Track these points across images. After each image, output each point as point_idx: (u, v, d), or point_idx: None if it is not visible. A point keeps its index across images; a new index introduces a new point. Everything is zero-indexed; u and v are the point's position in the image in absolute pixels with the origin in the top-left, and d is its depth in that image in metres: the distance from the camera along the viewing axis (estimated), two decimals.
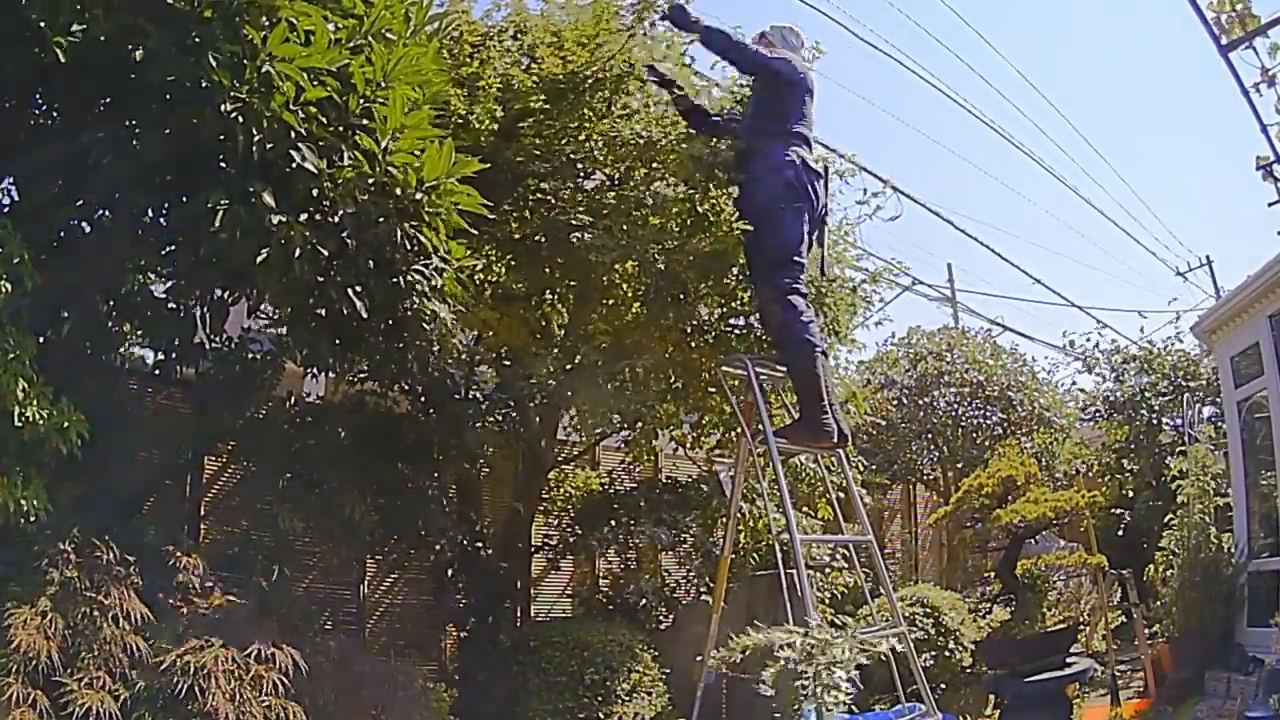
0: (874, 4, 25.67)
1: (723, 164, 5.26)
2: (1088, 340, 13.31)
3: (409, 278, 3.70)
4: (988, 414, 11.22)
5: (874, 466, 9.75)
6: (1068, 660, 7.08)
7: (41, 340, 3.43)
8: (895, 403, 11.10)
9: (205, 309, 3.97)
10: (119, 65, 3.16)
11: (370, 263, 3.63)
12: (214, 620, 3.25)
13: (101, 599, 3.00)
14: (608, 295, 5.71)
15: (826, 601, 7.33)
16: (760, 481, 7.13)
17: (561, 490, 6.85)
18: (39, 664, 2.76)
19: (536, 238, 5.28)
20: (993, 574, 8.65)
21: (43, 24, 2.99)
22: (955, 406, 11.19)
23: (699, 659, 5.16)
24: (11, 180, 3.56)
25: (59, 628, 2.86)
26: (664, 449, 7.36)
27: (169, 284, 3.81)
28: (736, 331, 6.00)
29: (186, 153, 3.28)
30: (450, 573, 5.83)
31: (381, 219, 3.48)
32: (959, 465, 10.84)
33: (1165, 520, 8.32)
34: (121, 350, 3.99)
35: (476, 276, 5.18)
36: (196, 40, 3.10)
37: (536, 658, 5.36)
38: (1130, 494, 10.85)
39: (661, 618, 6.90)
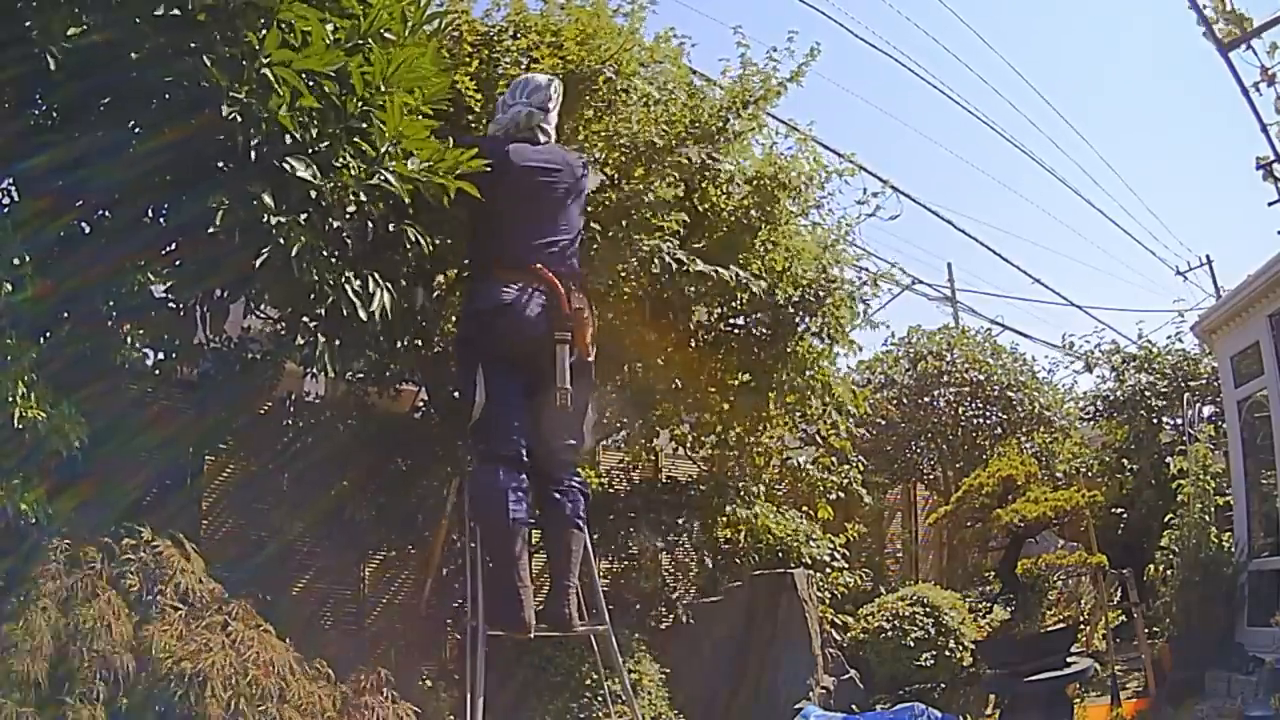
0: (873, 4, 25.69)
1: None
2: (1087, 341, 13.33)
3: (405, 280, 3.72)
4: (988, 414, 11.22)
5: (874, 466, 9.74)
6: (1068, 660, 7.08)
7: (41, 342, 3.43)
8: (895, 402, 11.10)
9: (205, 309, 3.98)
10: (118, 67, 3.17)
11: (369, 263, 3.65)
12: (213, 622, 3.25)
13: (100, 602, 3.00)
14: (607, 295, 5.72)
15: (826, 601, 7.34)
16: (760, 481, 7.17)
17: None
18: (33, 673, 2.75)
19: None
20: (993, 574, 8.65)
21: (35, 33, 2.99)
22: (955, 406, 11.19)
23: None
24: (11, 181, 3.56)
25: (58, 632, 2.85)
26: (664, 449, 7.36)
27: (169, 284, 3.81)
28: (736, 331, 6.01)
29: (186, 154, 3.29)
30: (447, 572, 5.83)
31: (377, 218, 3.49)
32: (959, 465, 10.84)
33: (1165, 520, 8.32)
34: (122, 351, 3.99)
35: None
36: (193, 43, 3.11)
37: (536, 657, 5.35)
38: (1130, 493, 10.84)
39: (661, 618, 6.89)
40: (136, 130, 3.38)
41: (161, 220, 3.68)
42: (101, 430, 3.35)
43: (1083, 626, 8.93)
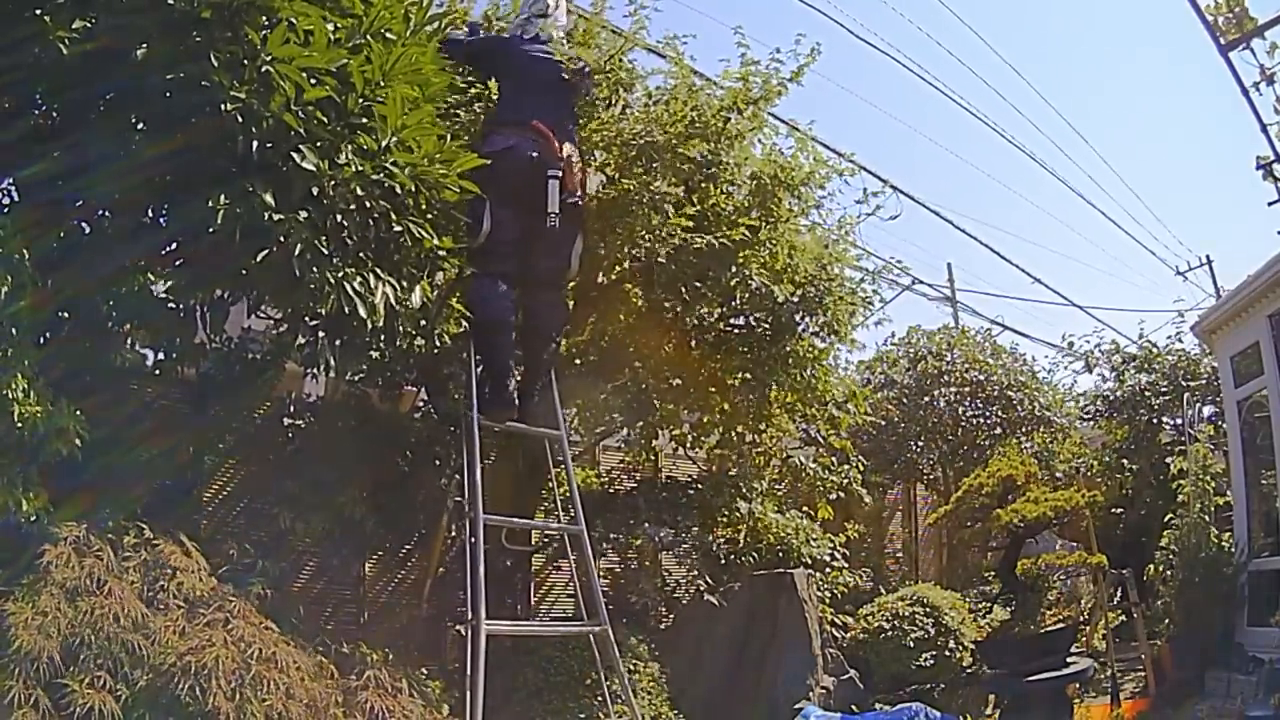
0: (872, 3, 25.71)
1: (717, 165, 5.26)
2: (1087, 341, 13.31)
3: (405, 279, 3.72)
4: (987, 414, 11.22)
5: (874, 466, 9.74)
6: (1068, 660, 7.08)
7: (42, 341, 3.43)
8: (895, 402, 11.09)
9: (205, 309, 3.98)
10: (120, 66, 3.17)
11: (370, 261, 3.65)
12: (214, 619, 3.25)
13: (102, 598, 3.00)
14: (607, 294, 5.72)
15: (826, 601, 7.34)
16: (761, 481, 7.17)
17: (562, 490, 6.87)
18: (40, 664, 2.76)
19: None
20: (992, 574, 8.65)
21: (47, 19, 2.99)
22: (955, 406, 11.18)
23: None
24: (12, 181, 3.57)
25: (60, 627, 2.86)
26: (664, 449, 7.36)
27: (169, 284, 3.81)
28: (736, 331, 6.01)
29: (187, 153, 3.29)
30: (447, 572, 5.83)
31: (378, 216, 3.50)
32: (959, 465, 10.83)
33: (1165, 520, 8.31)
34: (122, 352, 3.99)
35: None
36: (197, 40, 3.12)
37: (536, 657, 5.36)
38: (1130, 493, 10.84)
39: (662, 618, 6.90)
40: (138, 132, 3.38)
41: (162, 221, 3.68)
42: (102, 431, 3.35)
43: (1082, 626, 8.93)
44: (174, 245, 3.69)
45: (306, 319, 3.78)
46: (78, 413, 3.16)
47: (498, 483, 5.82)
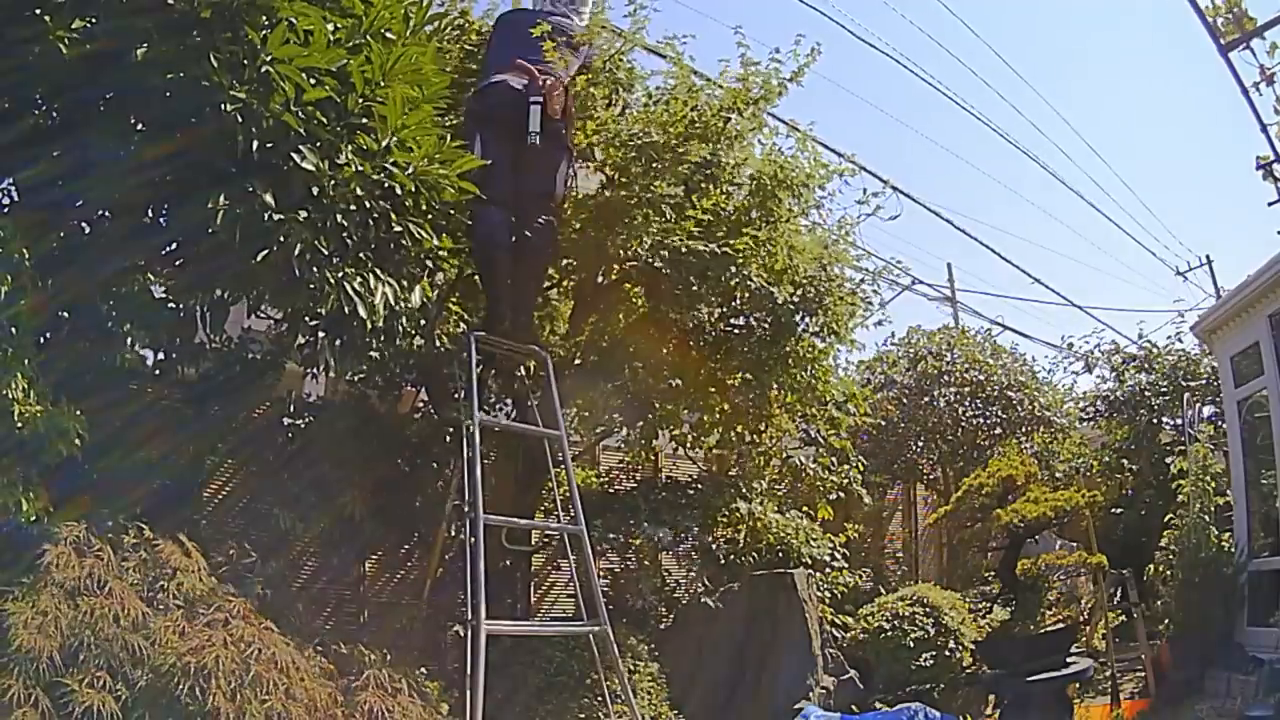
0: (872, 3, 25.73)
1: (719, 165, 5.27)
2: (1087, 341, 13.32)
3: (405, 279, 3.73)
4: (987, 414, 11.21)
5: (874, 466, 9.73)
6: (1068, 660, 7.08)
7: (42, 340, 3.44)
8: (895, 402, 11.09)
9: (205, 309, 3.98)
10: (120, 66, 3.17)
11: (370, 262, 3.66)
12: (214, 619, 3.25)
13: (102, 598, 3.00)
14: (607, 295, 5.72)
15: (826, 601, 7.33)
16: (761, 480, 7.16)
17: (562, 490, 6.86)
18: (40, 664, 2.76)
19: None
20: (992, 574, 8.64)
21: (47, 19, 3.00)
22: (955, 406, 11.18)
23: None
24: (12, 181, 3.57)
25: (60, 627, 2.86)
26: (664, 449, 7.35)
27: (169, 284, 3.81)
28: (736, 331, 6.00)
29: (187, 153, 3.29)
30: (446, 572, 5.82)
31: (378, 216, 3.50)
32: (959, 464, 10.84)
33: (1165, 520, 8.32)
34: (122, 352, 3.99)
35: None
36: (197, 40, 3.12)
37: (538, 658, 5.36)
38: (1130, 494, 10.84)
39: (662, 618, 6.89)
40: (138, 133, 3.39)
41: (162, 222, 3.68)
42: (103, 431, 3.35)
43: (1082, 626, 8.94)
44: (174, 246, 3.70)
45: (306, 319, 3.79)
46: (78, 413, 3.16)
47: (498, 483, 5.83)
